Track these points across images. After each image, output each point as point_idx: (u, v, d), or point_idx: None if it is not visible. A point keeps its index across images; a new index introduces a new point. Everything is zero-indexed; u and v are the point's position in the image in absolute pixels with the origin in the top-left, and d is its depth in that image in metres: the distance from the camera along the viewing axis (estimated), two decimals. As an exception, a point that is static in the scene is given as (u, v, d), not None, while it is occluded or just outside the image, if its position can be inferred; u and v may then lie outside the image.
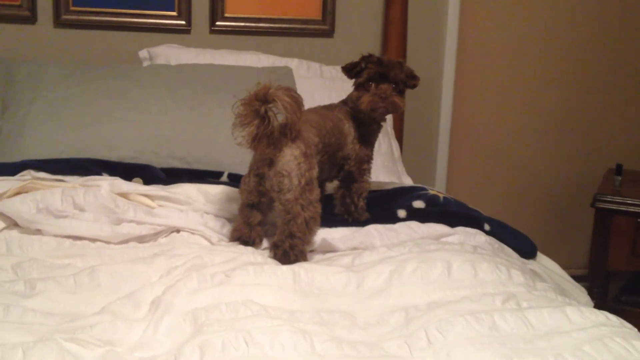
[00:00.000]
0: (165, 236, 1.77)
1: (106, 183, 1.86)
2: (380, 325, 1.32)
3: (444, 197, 2.02)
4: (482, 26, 3.04)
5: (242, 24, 2.79)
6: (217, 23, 2.76)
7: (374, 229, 1.77)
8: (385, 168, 2.50)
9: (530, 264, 1.86)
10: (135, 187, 1.90)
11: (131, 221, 1.74)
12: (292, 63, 2.65)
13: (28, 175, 1.93)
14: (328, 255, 1.69)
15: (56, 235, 1.67)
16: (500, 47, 3.07)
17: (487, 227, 1.91)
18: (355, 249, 1.72)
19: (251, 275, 1.46)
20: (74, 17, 2.63)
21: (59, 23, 2.63)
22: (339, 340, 1.22)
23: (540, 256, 1.97)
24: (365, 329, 1.31)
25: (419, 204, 1.98)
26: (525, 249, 1.92)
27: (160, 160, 2.17)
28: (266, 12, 2.80)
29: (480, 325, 1.25)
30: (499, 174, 3.18)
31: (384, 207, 1.98)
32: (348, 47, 2.86)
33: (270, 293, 1.40)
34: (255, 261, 1.59)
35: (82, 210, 1.77)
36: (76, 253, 1.61)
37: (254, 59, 2.63)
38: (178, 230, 1.78)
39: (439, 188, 2.84)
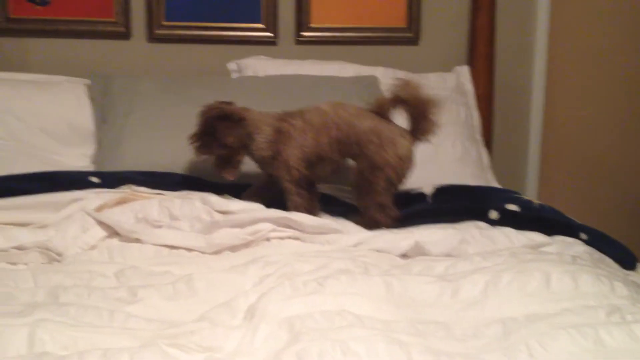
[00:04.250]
0: (256, 245, 1.80)
1: (199, 197, 1.92)
2: (477, 337, 1.30)
3: (539, 204, 1.98)
4: (574, 28, 2.95)
5: (327, 34, 2.81)
6: (303, 34, 2.79)
7: (469, 235, 1.75)
8: (474, 176, 2.46)
9: (632, 275, 1.78)
10: (227, 204, 1.94)
11: (225, 227, 1.79)
12: (378, 72, 2.65)
13: (129, 189, 2.01)
14: (420, 262, 1.67)
15: (154, 244, 1.73)
16: (594, 51, 2.96)
17: (583, 236, 1.86)
18: (448, 255, 1.71)
19: (344, 284, 1.46)
20: (166, 31, 2.72)
21: (152, 38, 2.72)
22: (436, 352, 1.20)
23: (640, 267, 1.89)
24: (461, 341, 1.29)
25: (512, 206, 1.94)
26: (624, 260, 1.85)
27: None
28: (351, 22, 2.81)
29: (585, 339, 1.21)
30: (594, 182, 3.06)
31: (474, 205, 1.99)
32: (434, 55, 2.84)
33: (364, 303, 1.39)
34: (346, 268, 1.59)
35: (177, 220, 1.83)
36: (173, 261, 1.66)
37: (340, 69, 2.64)
38: (268, 239, 1.81)
39: (529, 197, 2.77)
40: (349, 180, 2.06)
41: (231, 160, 1.99)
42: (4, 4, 2.62)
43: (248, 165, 2.06)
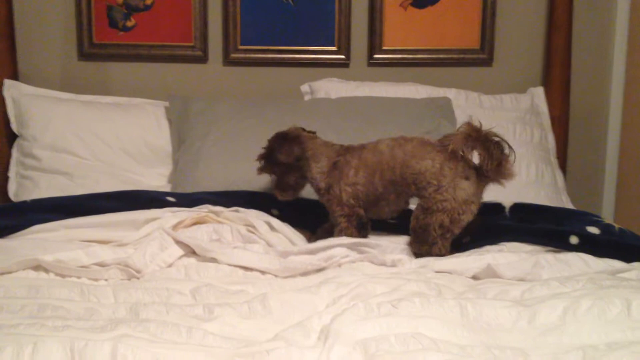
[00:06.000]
0: (328, 269, 1.82)
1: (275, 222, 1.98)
2: (556, 364, 1.27)
3: (620, 228, 1.92)
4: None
5: (400, 55, 2.82)
6: (375, 56, 2.81)
7: (543, 259, 1.72)
8: (549, 199, 2.42)
9: None
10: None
11: (298, 254, 1.81)
12: (451, 93, 2.65)
13: (205, 209, 2.05)
14: (495, 286, 1.65)
15: (229, 264, 1.76)
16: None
17: (666, 263, 1.79)
18: (521, 279, 1.68)
19: (418, 307, 1.45)
20: (241, 55, 2.78)
21: (228, 61, 2.79)
22: (514, 378, 1.18)
23: None
24: (539, 368, 1.26)
25: (593, 229, 1.91)
26: None
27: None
28: (423, 44, 2.82)
29: (669, 369, 1.17)
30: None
31: (554, 228, 1.95)
32: (508, 76, 2.82)
33: (439, 326, 1.38)
34: (419, 291, 1.58)
35: (252, 243, 1.88)
36: (248, 281, 1.69)
37: (412, 90, 2.65)
38: (340, 265, 1.82)
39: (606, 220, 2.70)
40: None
41: (285, 180, 2.01)
42: (89, 30, 2.74)
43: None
